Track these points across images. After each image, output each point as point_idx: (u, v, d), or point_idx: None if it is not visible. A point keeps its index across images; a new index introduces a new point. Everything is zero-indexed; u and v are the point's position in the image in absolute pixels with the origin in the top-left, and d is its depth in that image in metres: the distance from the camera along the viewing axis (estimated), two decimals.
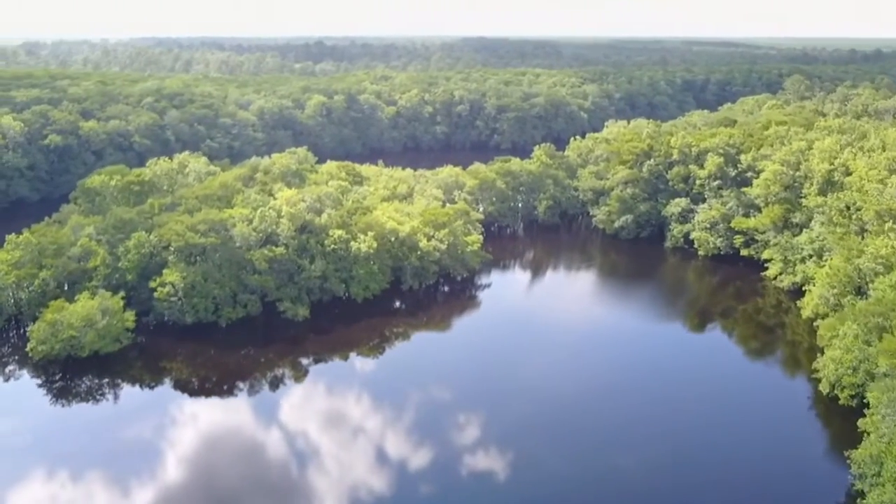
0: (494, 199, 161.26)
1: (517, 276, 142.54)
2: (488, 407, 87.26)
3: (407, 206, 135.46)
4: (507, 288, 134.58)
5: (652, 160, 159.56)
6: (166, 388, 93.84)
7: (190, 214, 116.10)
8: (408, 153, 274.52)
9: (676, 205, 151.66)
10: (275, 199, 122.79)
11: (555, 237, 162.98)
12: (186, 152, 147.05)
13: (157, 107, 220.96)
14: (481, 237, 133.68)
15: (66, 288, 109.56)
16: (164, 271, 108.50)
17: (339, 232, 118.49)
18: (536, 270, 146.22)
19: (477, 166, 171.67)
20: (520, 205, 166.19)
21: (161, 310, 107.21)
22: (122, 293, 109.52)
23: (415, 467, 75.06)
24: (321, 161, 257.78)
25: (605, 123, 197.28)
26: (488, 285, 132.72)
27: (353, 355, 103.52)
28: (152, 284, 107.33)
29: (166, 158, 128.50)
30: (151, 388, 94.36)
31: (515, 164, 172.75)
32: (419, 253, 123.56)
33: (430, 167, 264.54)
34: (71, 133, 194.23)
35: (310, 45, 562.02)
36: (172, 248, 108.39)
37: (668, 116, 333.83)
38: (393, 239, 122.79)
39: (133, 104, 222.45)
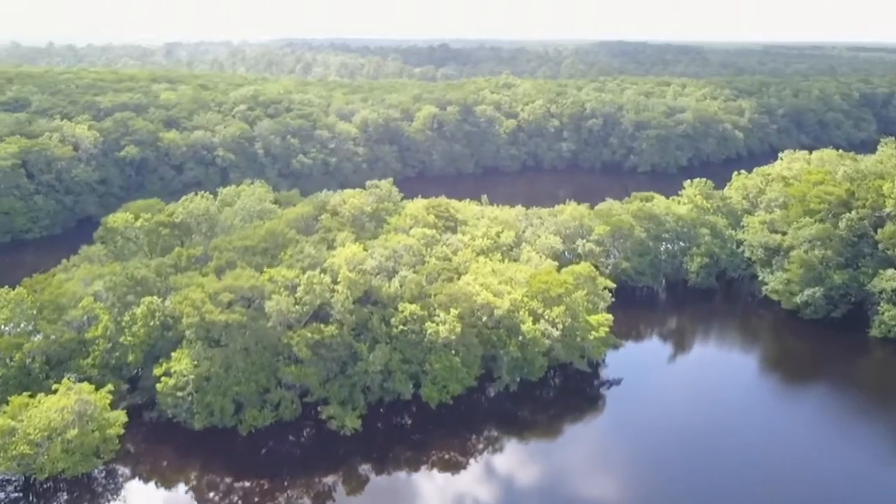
0: (630, 251, 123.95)
1: (657, 365, 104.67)
2: None
3: (510, 266, 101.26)
4: (643, 385, 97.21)
5: (853, 213, 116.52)
6: None
7: (218, 275, 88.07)
8: (526, 173, 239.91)
9: (889, 278, 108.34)
10: (335, 253, 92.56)
11: (709, 307, 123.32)
12: (246, 181, 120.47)
13: (250, 116, 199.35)
14: (610, 316, 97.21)
15: (53, 366, 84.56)
16: (173, 355, 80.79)
17: (411, 307, 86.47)
18: (683, 357, 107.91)
19: (609, 206, 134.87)
20: (664, 259, 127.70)
21: (165, 407, 79.57)
22: (122, 378, 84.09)
23: None
24: (425, 181, 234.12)
25: (780, 154, 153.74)
26: (617, 382, 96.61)
27: (419, 489, 71.57)
28: (156, 371, 79.93)
29: (205, 194, 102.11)
30: None
31: (660, 204, 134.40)
32: (521, 339, 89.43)
33: (552, 191, 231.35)
34: (150, 144, 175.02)
35: (434, 47, 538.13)
36: (184, 325, 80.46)
37: (844, 138, 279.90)
38: (485, 318, 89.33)
39: (225, 112, 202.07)
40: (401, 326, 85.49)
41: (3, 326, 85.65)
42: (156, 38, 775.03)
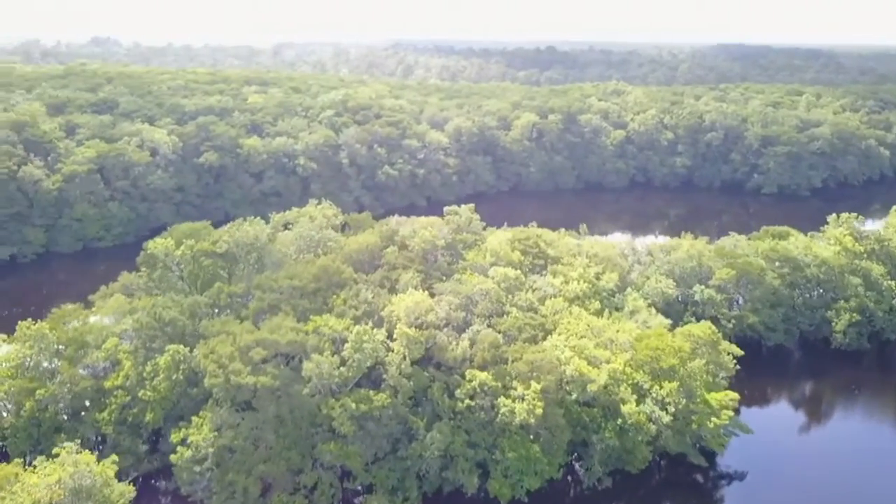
0: (759, 300, 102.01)
1: (790, 453, 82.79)
2: None
3: (611, 324, 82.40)
4: (772, 481, 75.99)
5: None
6: None
7: (258, 320, 74.40)
8: (634, 190, 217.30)
9: None
10: (395, 300, 77.00)
11: (858, 375, 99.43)
12: (312, 202, 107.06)
13: (336, 122, 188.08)
14: (736, 396, 76.69)
15: (68, 417, 73.47)
16: (195, 419, 67.55)
17: (482, 376, 69.70)
18: (825, 443, 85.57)
19: (733, 242, 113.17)
20: (801, 313, 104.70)
21: (181, 482, 66.40)
22: (139, 437, 71.77)
23: None
24: (520, 195, 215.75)
25: None
26: (739, 476, 76.32)
27: None
28: (173, 437, 66.92)
29: (255, 219, 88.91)
30: None
31: (797, 243, 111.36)
32: (621, 423, 70.83)
33: (662, 210, 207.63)
34: (229, 151, 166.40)
35: (540, 50, 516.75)
36: (206, 386, 67.05)
37: None
38: (576, 394, 71.30)
39: (311, 117, 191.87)
40: (468, 401, 68.81)
41: (24, 363, 75.71)
42: (270, 38, 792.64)
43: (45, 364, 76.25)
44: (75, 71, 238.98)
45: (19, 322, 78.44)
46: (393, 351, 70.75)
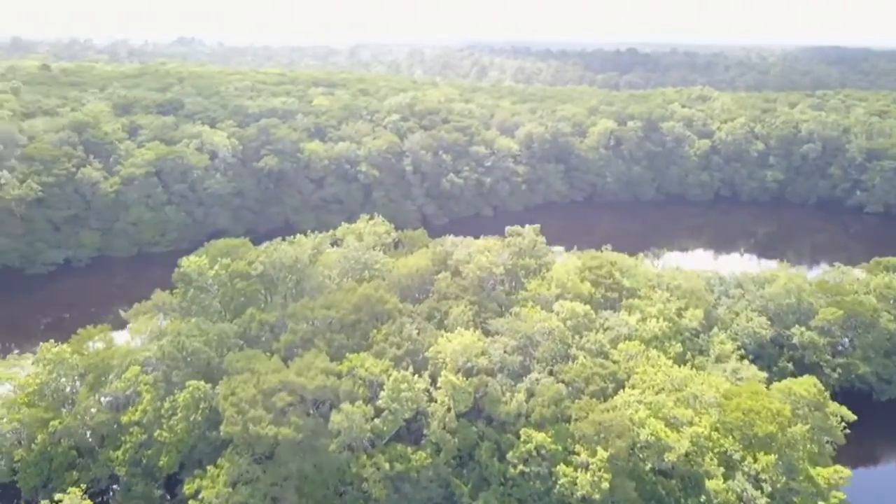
0: (871, 347, 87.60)
1: None
2: None
3: (694, 376, 70.43)
4: None
5: None
6: None
7: (288, 356, 66.30)
8: (719, 205, 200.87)
9: None
10: (443, 339, 67.45)
11: None
12: (363, 217, 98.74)
13: (402, 127, 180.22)
14: (847, 473, 63.63)
15: (82, 453, 67.19)
16: (210, 469, 59.82)
17: (540, 437, 59.45)
18: None
19: (838, 276, 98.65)
20: None
21: None
22: (154, 480, 64.73)
23: None
24: (594, 207, 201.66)
25: None
26: None
27: None
28: (187, 488, 59.40)
29: (293, 240, 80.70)
30: None
31: None
32: (704, 501, 59.14)
33: (749, 228, 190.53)
34: (290, 155, 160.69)
35: (620, 52, 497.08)
36: (223, 434, 59.20)
37: None
38: (650, 464, 60.05)
39: (376, 122, 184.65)
40: (521, 466, 58.68)
41: (43, 388, 70.07)
42: (348, 38, 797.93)
43: (65, 389, 70.64)
44: (149, 70, 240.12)
45: (42, 344, 73.26)
46: (436, 401, 61.37)
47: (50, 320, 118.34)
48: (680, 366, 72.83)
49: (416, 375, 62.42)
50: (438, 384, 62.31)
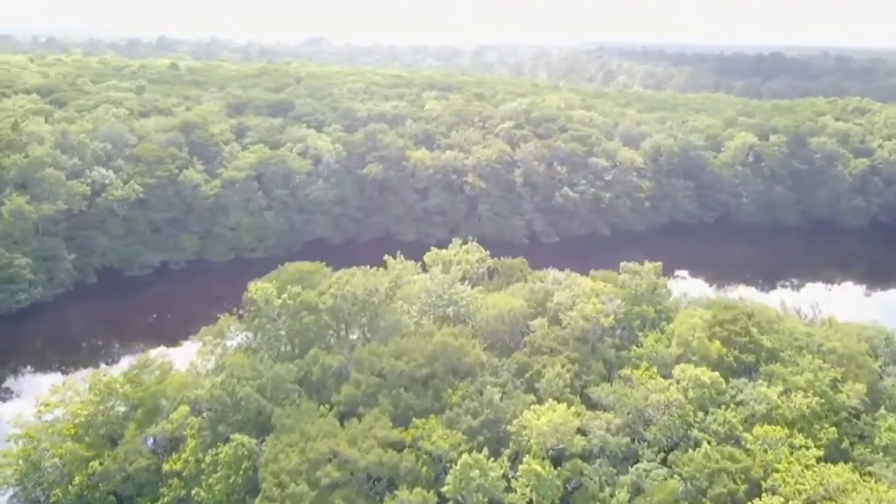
0: None
1: None
2: None
3: (858, 482, 54.35)
4: None
5: None
6: None
7: (347, 413, 56.51)
8: (878, 233, 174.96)
9: None
10: (533, 409, 55.36)
11: None
12: (456, 242, 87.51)
13: (514, 135, 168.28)
14: None
15: (119, 501, 60.43)
16: None
17: None
18: None
19: None
20: None
21: None
22: None
23: None
24: (726, 229, 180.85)
25: None
26: None
27: None
28: None
29: (371, 271, 70.61)
30: None
31: None
32: None
33: None
34: (395, 163, 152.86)
35: (763, 56, 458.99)
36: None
37: None
38: None
39: (489, 129, 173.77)
40: None
41: (92, 421, 64.24)
42: (473, 39, 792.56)
43: (113, 423, 64.48)
44: (269, 70, 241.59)
45: (93, 372, 67.85)
46: (515, 491, 49.46)
47: (146, 324, 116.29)
48: (836, 461, 56.91)
49: (493, 458, 50.76)
50: (519, 471, 50.37)
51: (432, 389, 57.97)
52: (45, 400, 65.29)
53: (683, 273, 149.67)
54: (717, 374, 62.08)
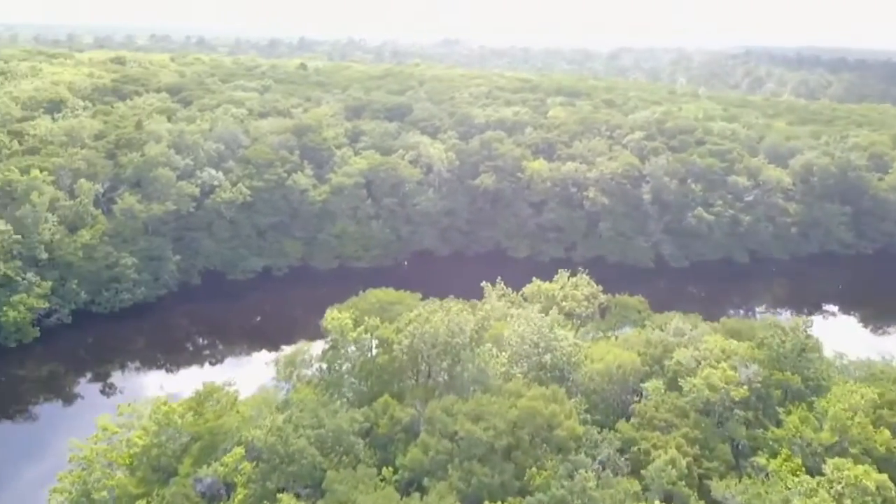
0: None
1: None
2: None
3: None
4: None
5: None
6: None
7: (412, 482, 47.73)
8: None
9: None
10: None
11: None
12: (563, 274, 76.72)
13: (645, 147, 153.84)
14: None
15: None
16: None
17: None
18: None
19: None
20: None
21: None
22: None
23: None
24: (891, 261, 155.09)
25: None
26: None
27: None
28: None
29: (462, 306, 60.92)
30: None
31: None
32: None
33: None
34: (510, 174, 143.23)
35: None
36: None
37: None
38: None
39: (616, 139, 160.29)
40: None
41: (149, 451, 59.54)
42: (609, 41, 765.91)
43: (168, 456, 59.42)
44: (394, 72, 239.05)
45: (157, 398, 63.24)
46: None
47: (247, 329, 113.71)
48: None
49: None
50: None
51: (512, 465, 48.12)
52: (104, 423, 61.31)
53: (833, 309, 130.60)
54: (884, 476, 48.14)
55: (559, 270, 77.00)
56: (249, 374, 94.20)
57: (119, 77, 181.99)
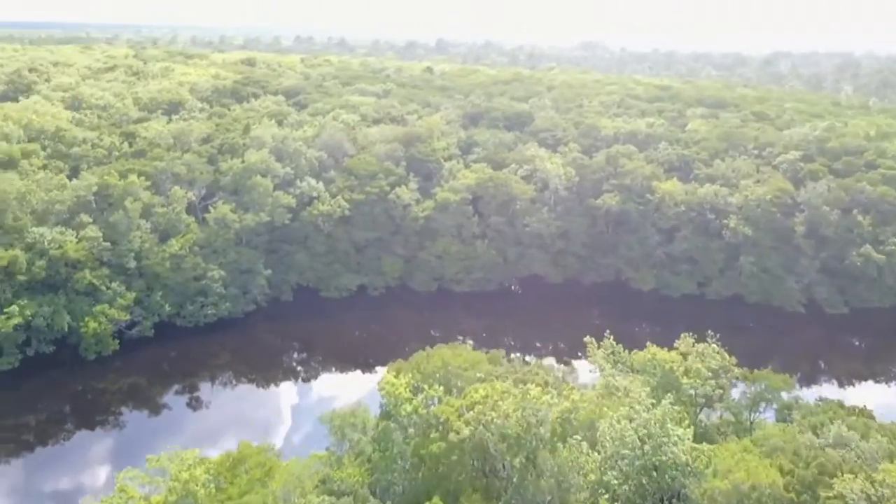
0: None
1: None
2: None
3: None
4: None
5: None
6: None
7: None
8: None
9: None
10: None
11: None
12: (687, 339, 60.91)
13: (801, 170, 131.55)
14: None
15: None
16: None
17: None
18: None
19: None
20: None
21: None
22: None
23: None
24: None
25: None
26: None
27: None
28: None
29: (541, 395, 47.13)
30: None
31: None
32: None
33: None
34: (637, 194, 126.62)
35: None
36: None
37: None
38: None
39: (766, 159, 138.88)
40: None
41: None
42: (766, 44, 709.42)
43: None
44: (521, 77, 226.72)
45: (184, 455, 54.65)
46: None
47: (338, 350, 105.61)
48: None
49: None
50: None
51: None
52: (122, 485, 53.42)
53: None
54: None
55: (683, 335, 61.24)
56: (332, 399, 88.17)
57: (241, 79, 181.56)
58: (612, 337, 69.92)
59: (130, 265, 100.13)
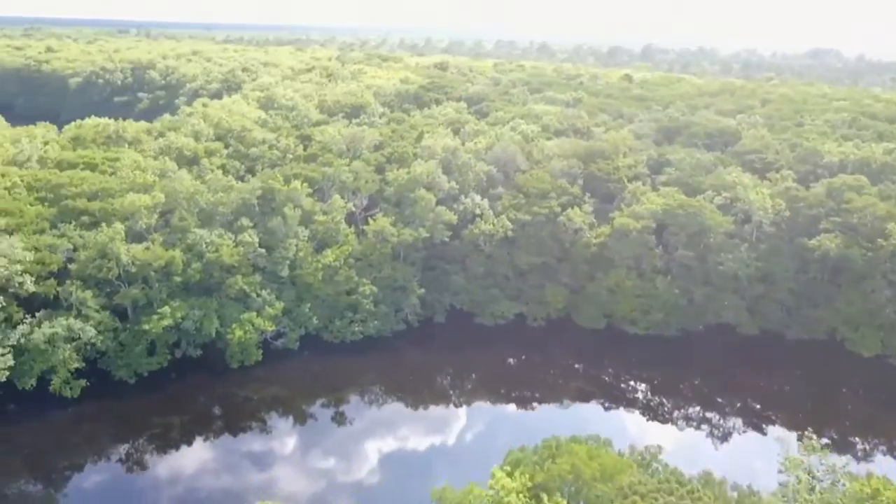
0: None
1: None
2: None
3: None
4: None
5: None
6: None
7: None
8: None
9: None
10: None
11: None
12: None
13: None
14: None
15: None
16: None
17: None
18: None
19: None
20: None
21: None
22: None
23: None
24: None
25: None
26: None
27: None
28: None
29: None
30: None
31: None
32: None
33: None
34: (866, 237, 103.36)
35: None
36: None
37: None
38: None
39: None
40: None
41: None
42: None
43: None
44: (731, 88, 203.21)
45: None
46: None
47: (490, 387, 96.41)
48: None
49: None
50: None
51: None
52: None
53: None
54: None
55: None
56: (478, 434, 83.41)
57: (427, 83, 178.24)
58: (813, 436, 53.74)
59: (283, 273, 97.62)
